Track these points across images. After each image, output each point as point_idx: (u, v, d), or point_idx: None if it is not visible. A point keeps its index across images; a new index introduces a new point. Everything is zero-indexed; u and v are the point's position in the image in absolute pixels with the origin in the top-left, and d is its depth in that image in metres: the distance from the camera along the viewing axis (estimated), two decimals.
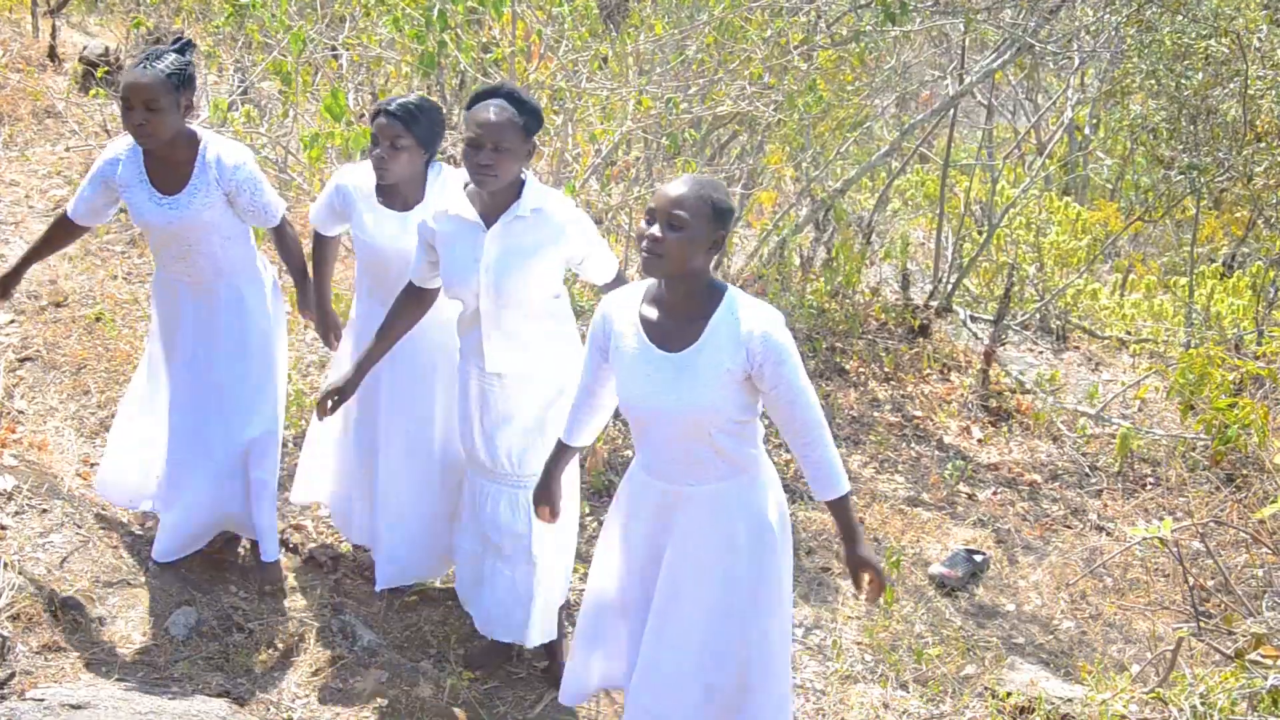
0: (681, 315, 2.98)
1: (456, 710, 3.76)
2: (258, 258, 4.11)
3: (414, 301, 3.73)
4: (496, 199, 3.52)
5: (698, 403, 2.95)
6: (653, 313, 3.01)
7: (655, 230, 2.88)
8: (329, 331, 4.29)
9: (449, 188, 3.81)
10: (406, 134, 3.75)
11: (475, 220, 3.53)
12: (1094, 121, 9.37)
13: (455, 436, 3.94)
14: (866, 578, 3.06)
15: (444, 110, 4.04)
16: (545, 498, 3.40)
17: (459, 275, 3.56)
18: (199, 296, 3.98)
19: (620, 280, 3.73)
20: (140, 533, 4.35)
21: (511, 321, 3.59)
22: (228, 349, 4.02)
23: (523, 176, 3.54)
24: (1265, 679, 3.32)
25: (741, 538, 3.09)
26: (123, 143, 3.88)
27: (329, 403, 3.74)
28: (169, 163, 3.81)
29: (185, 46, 3.77)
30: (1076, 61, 7.81)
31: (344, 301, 5.15)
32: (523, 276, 3.53)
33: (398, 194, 3.90)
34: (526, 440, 3.70)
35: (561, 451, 3.38)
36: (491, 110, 3.41)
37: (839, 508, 3.06)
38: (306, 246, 4.29)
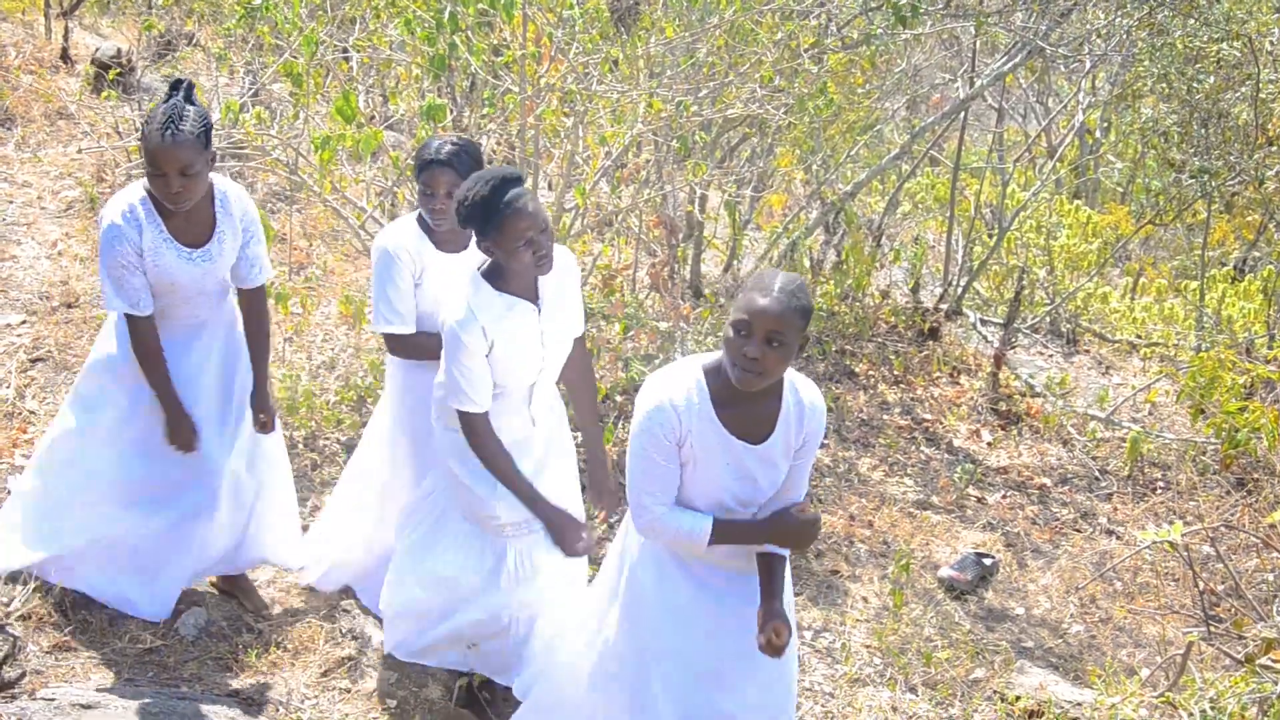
0: (758, 405, 2.92)
1: (465, 712, 3.76)
2: None
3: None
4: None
5: (777, 484, 3.01)
6: (724, 404, 2.89)
7: (753, 349, 2.76)
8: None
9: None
10: (458, 178, 3.56)
11: (524, 302, 3.35)
12: (1105, 125, 9.36)
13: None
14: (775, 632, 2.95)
15: (480, 147, 3.90)
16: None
17: (526, 364, 3.40)
18: (213, 332, 3.82)
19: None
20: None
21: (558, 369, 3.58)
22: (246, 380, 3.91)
23: None
24: (1276, 684, 3.31)
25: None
26: (115, 213, 3.53)
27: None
28: (192, 216, 3.60)
29: (190, 92, 3.48)
30: (1088, 65, 7.80)
31: (354, 304, 5.16)
32: (571, 326, 3.50)
33: (454, 239, 3.75)
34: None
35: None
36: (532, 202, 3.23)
37: (780, 563, 3.05)
38: None
